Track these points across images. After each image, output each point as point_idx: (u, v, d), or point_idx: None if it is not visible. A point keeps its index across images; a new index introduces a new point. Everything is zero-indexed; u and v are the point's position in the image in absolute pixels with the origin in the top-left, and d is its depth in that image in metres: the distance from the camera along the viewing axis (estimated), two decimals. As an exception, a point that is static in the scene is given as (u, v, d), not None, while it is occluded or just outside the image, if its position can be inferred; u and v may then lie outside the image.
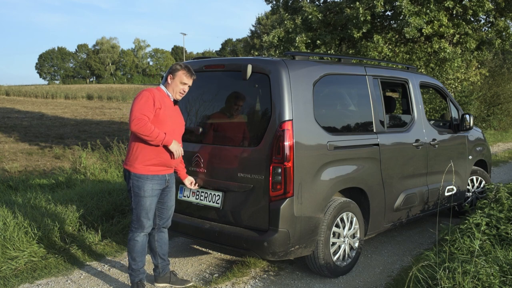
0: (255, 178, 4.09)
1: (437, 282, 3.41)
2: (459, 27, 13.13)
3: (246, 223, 4.19)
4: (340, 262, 4.53)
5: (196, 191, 4.56)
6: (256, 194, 4.09)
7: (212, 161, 4.44)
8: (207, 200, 4.46)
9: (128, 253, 4.00)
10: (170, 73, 3.92)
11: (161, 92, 3.89)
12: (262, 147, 4.06)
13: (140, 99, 3.72)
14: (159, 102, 3.78)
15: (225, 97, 4.61)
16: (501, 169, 11.32)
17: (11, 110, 32.03)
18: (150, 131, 3.66)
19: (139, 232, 3.94)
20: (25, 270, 4.62)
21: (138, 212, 3.89)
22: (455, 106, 6.37)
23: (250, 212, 4.15)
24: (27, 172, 12.08)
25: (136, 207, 3.89)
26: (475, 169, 6.65)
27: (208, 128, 4.63)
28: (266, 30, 42.44)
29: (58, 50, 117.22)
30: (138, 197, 3.86)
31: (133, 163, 3.85)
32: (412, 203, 5.39)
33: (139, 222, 3.91)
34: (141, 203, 3.87)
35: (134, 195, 3.87)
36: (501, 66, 22.36)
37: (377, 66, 5.53)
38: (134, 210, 3.90)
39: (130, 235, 3.97)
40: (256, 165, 4.09)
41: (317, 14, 13.50)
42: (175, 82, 3.89)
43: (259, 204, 4.08)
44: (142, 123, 3.63)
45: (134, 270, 3.99)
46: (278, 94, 4.02)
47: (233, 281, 4.39)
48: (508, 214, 4.57)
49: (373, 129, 4.91)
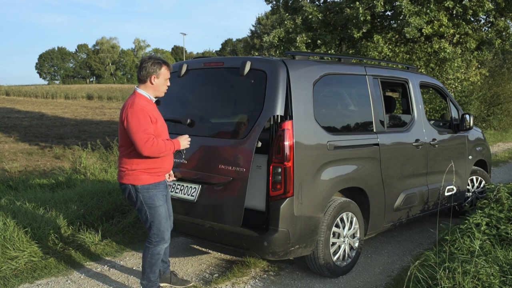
0: (236, 170, 3.98)
1: (437, 282, 3.41)
2: (459, 27, 13.14)
3: (219, 218, 4.10)
4: (340, 262, 4.53)
5: (173, 183, 4.45)
6: (233, 188, 3.99)
7: (195, 153, 4.36)
8: (182, 193, 4.36)
9: (148, 267, 3.81)
10: (152, 74, 3.63)
11: (146, 101, 3.65)
12: (248, 140, 4.00)
13: (138, 119, 3.50)
14: (153, 115, 3.60)
15: (218, 92, 4.60)
16: (501, 169, 11.32)
17: (11, 110, 32.04)
18: (164, 148, 3.56)
19: (162, 245, 3.80)
20: (25, 270, 4.62)
21: (158, 224, 3.73)
22: (455, 106, 6.37)
23: (225, 206, 4.03)
24: (27, 172, 12.08)
25: (154, 219, 3.72)
26: (475, 169, 6.65)
27: (196, 120, 4.57)
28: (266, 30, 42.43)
29: (58, 50, 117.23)
30: (154, 208, 3.71)
31: (137, 175, 3.65)
32: (412, 203, 5.39)
33: (160, 234, 3.76)
34: (158, 213, 3.72)
35: (149, 207, 3.69)
36: (501, 66, 22.36)
37: (377, 66, 5.53)
38: (153, 223, 3.73)
39: (152, 250, 3.78)
40: (239, 157, 4.01)
41: (317, 14, 13.50)
42: (161, 81, 3.69)
43: (235, 199, 3.96)
44: (155, 145, 3.50)
45: (153, 282, 3.86)
46: (273, 91, 3.99)
47: (233, 281, 4.39)
48: (508, 214, 4.57)
49: (373, 129, 4.91)
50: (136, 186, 3.65)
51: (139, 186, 3.65)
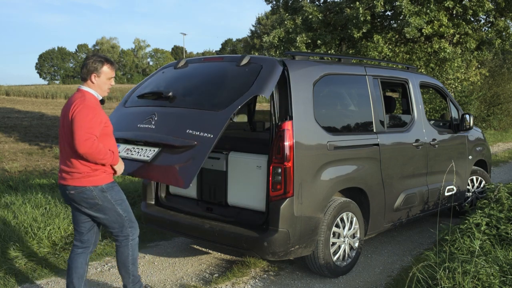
0: (203, 135, 3.72)
1: (437, 282, 3.41)
2: (459, 27, 13.15)
3: (167, 178, 3.93)
4: (340, 262, 4.53)
5: (132, 147, 4.19)
6: (194, 151, 3.68)
7: (166, 121, 4.16)
8: (138, 154, 4.06)
9: (131, 264, 3.69)
10: (92, 72, 3.47)
11: (95, 99, 3.49)
12: (225, 110, 3.84)
13: (87, 115, 3.32)
14: (103, 117, 3.44)
15: (211, 77, 4.55)
16: (501, 169, 11.32)
17: (11, 110, 32.01)
18: (103, 155, 3.38)
19: (137, 235, 3.74)
20: (25, 270, 4.61)
21: (130, 216, 3.67)
22: (455, 106, 6.37)
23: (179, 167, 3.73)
24: (27, 172, 12.07)
25: (127, 212, 3.64)
26: (475, 169, 6.65)
27: (178, 95, 4.40)
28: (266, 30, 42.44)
29: (58, 50, 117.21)
30: (124, 201, 3.63)
31: (99, 175, 3.47)
32: (412, 203, 5.39)
33: (135, 224, 3.69)
34: (127, 205, 3.66)
35: (118, 204, 3.58)
36: (501, 66, 22.36)
37: (377, 66, 5.53)
38: (126, 217, 3.63)
39: (132, 244, 3.68)
40: (210, 124, 3.78)
41: (317, 14, 13.50)
42: (102, 80, 3.50)
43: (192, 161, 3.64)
44: (94, 146, 3.31)
45: (138, 277, 3.78)
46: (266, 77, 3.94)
47: (233, 281, 4.39)
48: (508, 214, 4.57)
49: (373, 129, 4.91)
50: (101, 186, 3.48)
51: (104, 185, 3.49)
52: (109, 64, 3.53)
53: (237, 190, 4.45)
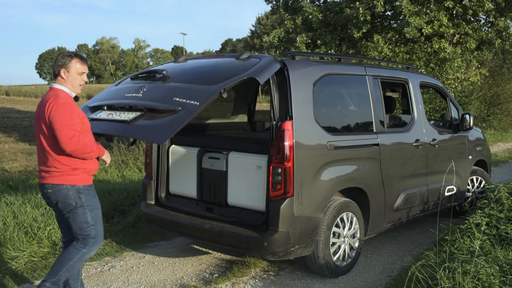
0: (189, 102, 3.63)
1: (437, 282, 3.41)
2: (459, 27, 13.15)
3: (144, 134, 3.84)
4: (340, 262, 4.53)
5: (114, 112, 4.01)
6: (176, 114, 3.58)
7: (155, 90, 4.10)
8: (118, 116, 3.89)
9: (66, 271, 3.48)
10: (61, 66, 3.40)
11: (68, 96, 3.41)
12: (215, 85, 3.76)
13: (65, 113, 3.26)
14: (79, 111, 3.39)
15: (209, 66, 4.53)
16: (501, 169, 11.32)
17: (11, 110, 32.00)
18: (90, 149, 3.33)
19: (95, 250, 3.57)
20: (25, 270, 4.61)
21: (99, 227, 3.51)
22: (455, 106, 6.37)
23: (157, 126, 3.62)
24: (27, 172, 12.06)
25: (96, 222, 3.48)
26: (475, 169, 6.65)
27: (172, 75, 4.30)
28: (266, 30, 42.45)
29: (58, 50, 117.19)
30: (96, 210, 3.50)
31: (79, 175, 3.40)
32: (412, 203, 5.39)
33: (98, 238, 3.52)
34: (99, 215, 3.52)
35: (90, 210, 3.45)
36: (501, 66, 22.35)
37: (377, 66, 5.53)
38: (93, 226, 3.47)
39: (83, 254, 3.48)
40: (200, 94, 3.71)
41: (317, 14, 13.51)
42: (72, 75, 3.41)
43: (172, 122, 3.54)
44: (80, 142, 3.27)
45: (58, 285, 3.51)
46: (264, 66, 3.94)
47: (233, 281, 4.39)
48: (508, 214, 4.57)
49: (373, 129, 4.91)
50: (78, 186, 3.39)
51: (81, 186, 3.40)
52: (78, 59, 3.44)
53: (237, 190, 4.45)
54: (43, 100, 3.41)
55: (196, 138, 4.97)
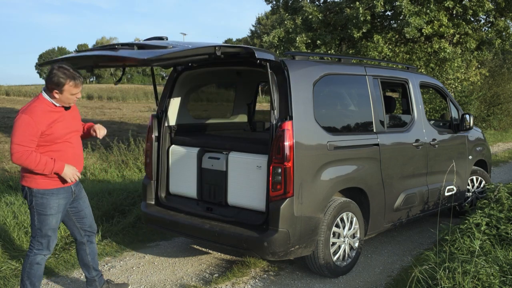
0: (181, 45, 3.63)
1: (437, 282, 3.41)
2: (459, 27, 13.14)
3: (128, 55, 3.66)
4: (340, 262, 4.53)
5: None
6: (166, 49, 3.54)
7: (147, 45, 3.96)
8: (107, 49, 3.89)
9: (27, 279, 3.56)
10: (54, 88, 3.40)
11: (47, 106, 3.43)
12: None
13: (20, 127, 3.30)
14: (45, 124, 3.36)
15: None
16: (501, 169, 11.32)
17: (11, 110, 31.95)
18: (36, 165, 3.33)
19: (45, 254, 3.61)
20: (25, 270, 4.61)
21: (45, 232, 3.53)
22: (455, 106, 6.37)
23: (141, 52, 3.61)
24: (27, 172, 12.05)
25: (42, 226, 3.51)
26: (475, 169, 6.65)
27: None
28: (266, 30, 42.46)
29: (58, 50, 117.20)
30: (43, 215, 3.50)
31: (33, 177, 3.45)
32: (412, 203, 5.39)
33: (45, 242, 3.56)
34: (47, 222, 3.52)
35: (38, 213, 3.49)
36: (501, 66, 22.34)
37: (377, 66, 5.53)
38: (38, 230, 3.53)
39: (31, 258, 3.56)
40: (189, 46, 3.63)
41: (317, 14, 13.50)
42: (65, 96, 3.43)
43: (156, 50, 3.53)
44: (23, 158, 3.29)
45: None
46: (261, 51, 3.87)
47: (233, 281, 4.39)
48: (508, 214, 4.57)
49: (373, 129, 4.91)
50: (34, 189, 3.47)
51: (35, 190, 3.47)
52: (72, 82, 3.41)
53: (237, 190, 4.44)
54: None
55: (196, 138, 4.97)
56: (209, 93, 6.52)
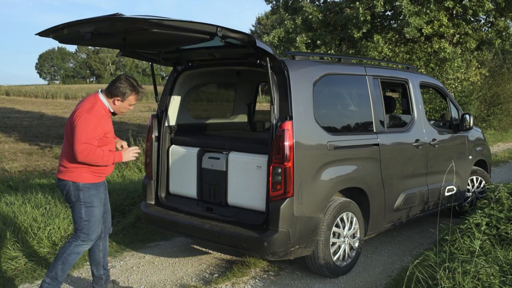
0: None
1: (437, 282, 3.41)
2: (459, 27, 13.14)
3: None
4: (340, 262, 4.53)
5: None
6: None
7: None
8: None
9: (61, 264, 3.68)
10: (117, 95, 3.67)
11: (104, 110, 3.67)
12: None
13: (87, 127, 3.51)
14: (104, 128, 3.63)
15: None
16: (501, 169, 11.32)
17: (11, 110, 31.99)
18: (101, 159, 3.57)
19: (87, 245, 3.77)
20: (25, 270, 4.61)
21: (92, 223, 3.71)
22: (455, 106, 6.37)
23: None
24: (27, 172, 12.06)
25: (90, 218, 3.69)
26: (475, 169, 6.65)
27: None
28: (266, 30, 42.48)
29: (58, 50, 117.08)
30: (91, 208, 3.68)
31: (80, 172, 3.63)
32: (412, 203, 5.39)
33: (91, 233, 3.73)
34: (94, 213, 3.70)
35: (85, 206, 3.67)
36: (501, 66, 22.34)
37: (377, 66, 5.53)
38: (85, 222, 3.69)
39: (74, 247, 3.70)
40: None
41: (317, 14, 13.50)
42: (124, 105, 3.73)
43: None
44: (90, 154, 3.50)
45: (57, 282, 3.70)
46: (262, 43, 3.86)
47: (233, 281, 4.39)
48: (508, 214, 4.57)
49: (373, 129, 4.91)
50: (78, 183, 3.64)
51: (81, 184, 3.64)
52: (136, 94, 3.73)
53: (237, 190, 4.44)
54: (81, 101, 3.69)
55: (196, 138, 4.97)
56: (209, 93, 6.52)
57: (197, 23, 3.44)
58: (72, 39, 3.86)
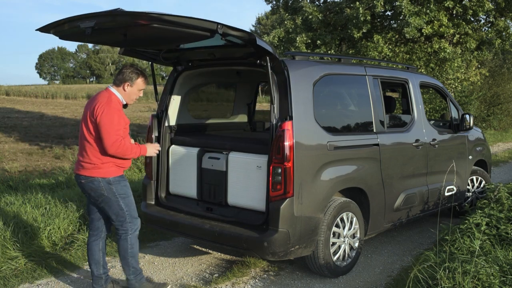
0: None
1: (437, 282, 3.41)
2: (459, 27, 13.14)
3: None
4: (340, 262, 4.53)
5: None
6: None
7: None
8: None
9: (131, 257, 3.89)
10: (126, 81, 3.78)
11: (119, 103, 3.78)
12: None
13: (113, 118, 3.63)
14: (124, 117, 3.76)
15: None
16: (501, 169, 11.32)
17: (11, 110, 31.98)
18: (130, 151, 3.72)
19: (138, 228, 3.94)
20: (25, 270, 4.61)
21: (133, 210, 3.88)
22: (455, 106, 6.37)
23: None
24: (27, 172, 12.07)
25: (129, 207, 3.85)
26: (475, 169, 6.65)
27: None
28: (266, 30, 42.47)
29: (58, 50, 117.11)
30: (127, 198, 3.85)
31: (108, 168, 3.74)
32: (412, 203, 5.39)
33: (135, 221, 3.90)
34: (131, 201, 3.87)
35: (122, 198, 3.81)
36: (501, 66, 22.33)
37: (377, 66, 5.53)
38: (127, 213, 3.83)
39: (131, 238, 3.87)
40: None
41: (317, 14, 13.49)
42: (133, 91, 3.83)
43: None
44: (121, 146, 3.64)
45: (139, 269, 3.98)
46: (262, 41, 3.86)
47: (233, 281, 4.39)
48: (508, 214, 4.57)
49: (373, 129, 4.91)
50: (108, 178, 3.74)
51: (111, 178, 3.75)
52: (143, 78, 3.82)
53: (237, 190, 4.44)
54: (95, 98, 3.74)
55: (196, 138, 4.97)
56: (209, 93, 6.52)
57: (198, 20, 3.44)
58: (73, 34, 3.86)
